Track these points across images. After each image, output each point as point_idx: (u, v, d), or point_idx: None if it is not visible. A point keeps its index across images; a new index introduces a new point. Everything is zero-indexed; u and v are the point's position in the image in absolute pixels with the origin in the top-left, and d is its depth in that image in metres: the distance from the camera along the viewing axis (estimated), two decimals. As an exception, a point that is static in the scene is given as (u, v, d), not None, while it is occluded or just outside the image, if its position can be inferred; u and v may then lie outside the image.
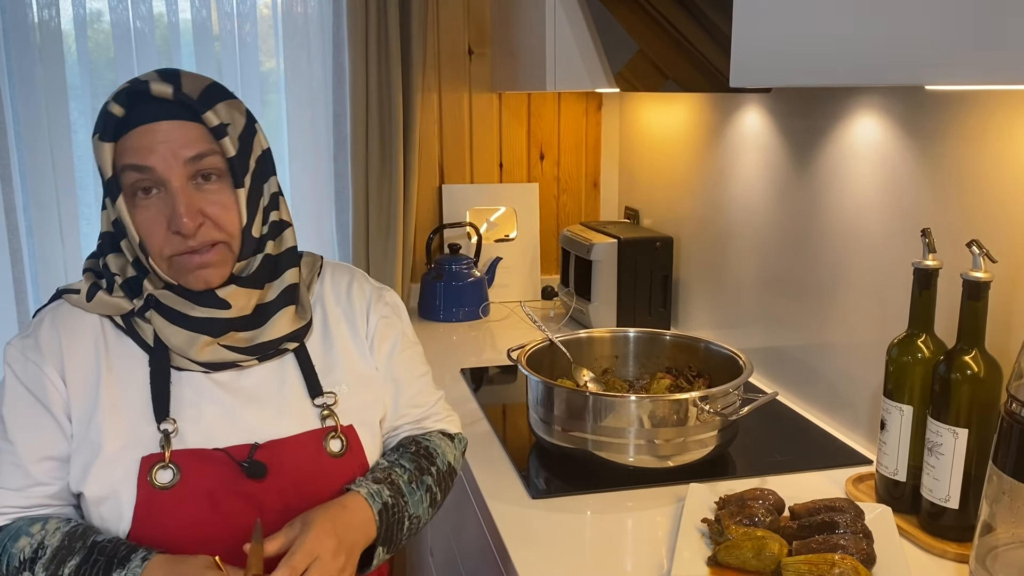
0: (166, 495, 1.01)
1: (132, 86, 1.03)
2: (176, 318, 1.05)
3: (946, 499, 1.14)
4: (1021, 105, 1.16)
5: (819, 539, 1.10)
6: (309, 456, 1.08)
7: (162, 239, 1.03)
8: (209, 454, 1.04)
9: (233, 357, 1.07)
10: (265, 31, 2.26)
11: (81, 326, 1.08)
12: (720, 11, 1.45)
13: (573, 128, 2.55)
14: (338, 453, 1.10)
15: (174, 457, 1.02)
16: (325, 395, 1.12)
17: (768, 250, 1.77)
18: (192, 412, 1.06)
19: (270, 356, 1.10)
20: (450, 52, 2.42)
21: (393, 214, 2.30)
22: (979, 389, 1.11)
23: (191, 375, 1.07)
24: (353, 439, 1.12)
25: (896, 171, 1.40)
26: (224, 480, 1.04)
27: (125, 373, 1.07)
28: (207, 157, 1.02)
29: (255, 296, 1.09)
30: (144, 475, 1.02)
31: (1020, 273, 1.17)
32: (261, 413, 1.08)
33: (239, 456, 1.04)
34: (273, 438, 1.07)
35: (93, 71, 2.18)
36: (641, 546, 1.20)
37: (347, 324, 1.19)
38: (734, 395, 1.40)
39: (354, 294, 1.21)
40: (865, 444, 1.50)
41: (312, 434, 1.09)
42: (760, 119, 1.79)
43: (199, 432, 1.05)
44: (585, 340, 1.66)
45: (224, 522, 1.03)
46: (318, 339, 1.16)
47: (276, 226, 1.11)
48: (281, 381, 1.11)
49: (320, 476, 1.08)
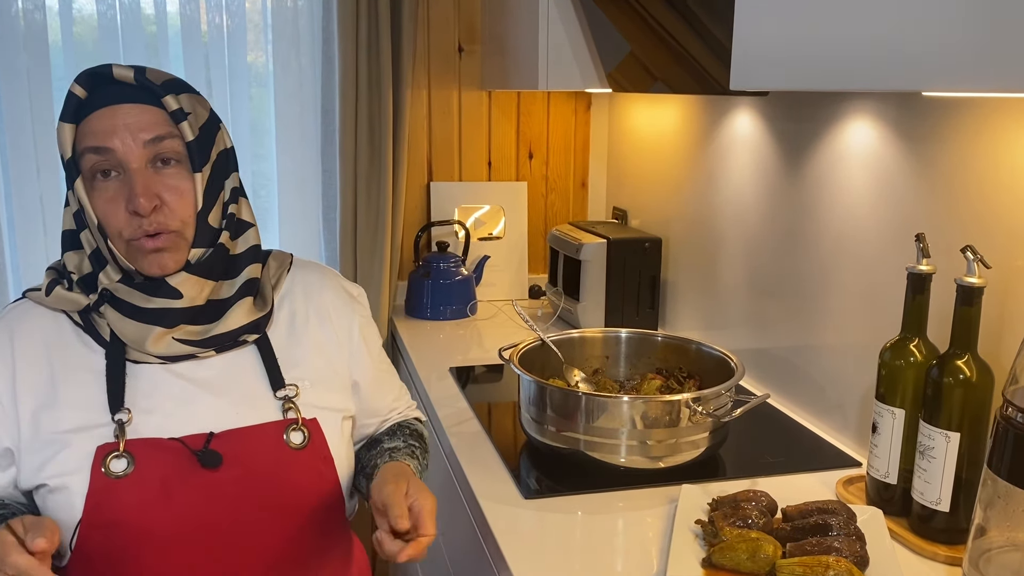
0: (119, 484, 1.01)
1: (95, 69, 1.05)
2: (129, 311, 1.06)
3: (937, 502, 1.15)
4: (1016, 111, 1.18)
5: (813, 541, 1.10)
6: (268, 447, 1.08)
7: (121, 221, 1.04)
8: (164, 443, 1.04)
9: (189, 349, 1.08)
10: (254, 24, 2.24)
11: (37, 325, 1.09)
12: (712, 14, 1.45)
13: (562, 128, 2.55)
14: (299, 445, 1.10)
15: (128, 447, 1.03)
16: (287, 387, 1.12)
17: (758, 252, 1.78)
18: (147, 403, 1.06)
19: (228, 347, 1.11)
20: (440, 49, 2.41)
21: (381, 211, 2.29)
22: (971, 393, 1.12)
23: (149, 367, 1.08)
24: (316, 432, 1.12)
25: (890, 175, 1.41)
26: (179, 469, 1.04)
27: (81, 369, 1.07)
28: (166, 140, 1.04)
29: (207, 288, 1.09)
30: (98, 465, 1.02)
31: (1013, 279, 1.19)
32: (219, 404, 1.09)
33: (195, 446, 1.04)
34: (230, 428, 1.08)
35: (78, 63, 2.15)
36: (633, 547, 1.20)
37: (318, 321, 1.20)
38: (726, 396, 1.41)
39: (327, 293, 1.22)
40: (854, 447, 1.51)
41: (272, 425, 1.10)
42: (751, 122, 1.79)
43: (154, 422, 1.06)
44: (577, 340, 1.66)
45: (178, 511, 1.03)
46: (283, 333, 1.17)
47: (236, 223, 1.13)
48: (241, 372, 1.12)
49: (279, 467, 1.09)
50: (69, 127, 1.04)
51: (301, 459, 1.10)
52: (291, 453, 1.09)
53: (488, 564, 1.27)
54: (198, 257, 1.08)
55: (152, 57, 2.17)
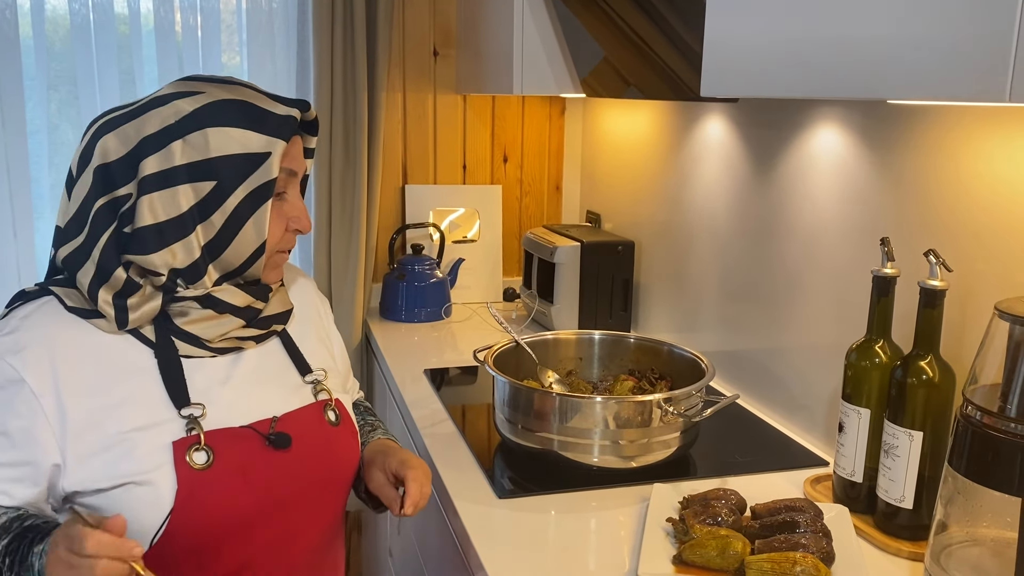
0: (204, 475, 1.05)
1: (299, 104, 1.13)
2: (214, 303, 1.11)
3: (901, 499, 1.18)
4: (977, 119, 1.21)
5: (781, 538, 1.12)
6: (314, 426, 1.16)
7: (278, 237, 1.14)
8: (237, 432, 1.09)
9: (237, 342, 1.14)
10: (228, 25, 2.24)
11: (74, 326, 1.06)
12: (684, 21, 1.47)
13: (536, 132, 2.57)
14: (335, 422, 1.19)
15: (206, 439, 1.06)
16: (315, 372, 1.21)
17: (728, 256, 1.81)
18: (203, 397, 1.10)
19: (263, 339, 1.17)
20: (415, 52, 2.42)
21: (356, 213, 2.30)
22: (934, 393, 1.15)
23: (200, 361, 1.11)
24: (343, 410, 1.21)
25: (856, 181, 1.44)
26: (253, 454, 1.09)
27: (131, 367, 1.07)
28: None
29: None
30: (181, 458, 1.04)
31: (974, 282, 1.22)
32: (265, 392, 1.15)
33: (262, 431, 1.10)
34: (284, 412, 1.14)
35: (50, 63, 2.14)
36: (605, 545, 1.22)
37: (314, 315, 1.30)
38: (697, 397, 1.43)
39: (308, 291, 1.32)
40: (821, 446, 1.54)
41: (313, 407, 1.18)
42: (722, 127, 1.82)
43: (220, 413, 1.09)
44: (551, 342, 1.68)
45: (259, 494, 1.09)
46: (294, 327, 1.25)
47: None
48: (274, 364, 1.18)
49: (326, 443, 1.17)
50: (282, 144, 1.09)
51: (339, 435, 1.19)
52: (332, 430, 1.18)
53: (462, 564, 1.28)
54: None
55: (125, 58, 2.16)
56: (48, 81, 2.14)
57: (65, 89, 2.17)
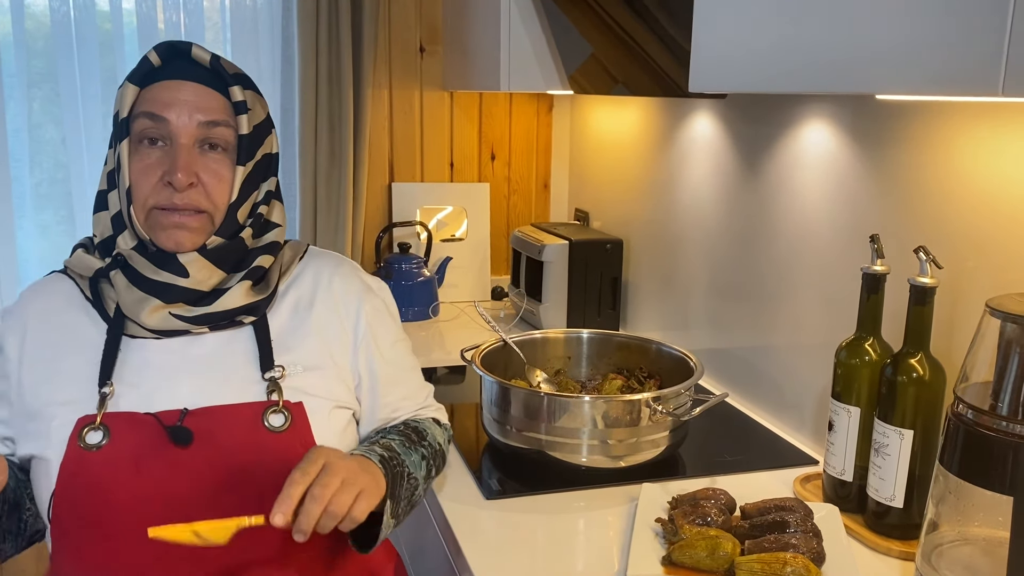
0: (93, 456, 1.03)
1: (176, 42, 1.09)
2: (136, 279, 1.08)
3: (891, 498, 1.17)
4: (966, 115, 1.20)
5: (771, 538, 1.11)
6: (244, 427, 1.06)
7: (150, 188, 1.06)
8: (139, 418, 1.05)
9: (182, 325, 1.08)
10: (212, 23, 2.21)
11: (52, 297, 1.13)
12: (672, 18, 1.46)
13: (524, 129, 2.55)
14: (278, 428, 1.07)
15: (105, 419, 1.04)
16: (274, 368, 1.10)
17: (717, 253, 1.80)
18: (134, 378, 1.08)
19: (222, 326, 1.11)
20: (401, 49, 2.40)
21: (342, 212, 2.28)
22: (924, 391, 1.15)
23: (144, 343, 1.10)
24: (299, 416, 1.08)
25: (845, 178, 1.44)
26: (151, 444, 1.04)
27: (83, 342, 1.09)
28: (220, 127, 1.08)
29: (216, 276, 1.10)
30: (75, 437, 1.03)
31: (964, 279, 1.21)
32: (202, 382, 1.08)
33: (170, 422, 1.04)
34: (211, 405, 1.07)
35: (30, 61, 2.11)
36: (594, 546, 1.21)
37: (325, 310, 1.17)
38: (686, 396, 1.42)
39: (336, 283, 1.19)
40: (811, 445, 1.53)
41: (251, 406, 1.07)
42: (711, 124, 1.81)
43: (135, 397, 1.07)
44: (539, 340, 1.66)
45: (146, 485, 1.03)
46: (284, 318, 1.15)
47: (263, 224, 1.15)
48: (232, 353, 1.11)
49: (255, 448, 1.06)
50: (133, 89, 1.07)
51: (280, 442, 1.06)
52: (269, 436, 1.06)
53: (450, 566, 1.27)
54: (215, 245, 1.09)
55: (107, 55, 2.14)
56: (29, 79, 2.11)
57: (47, 87, 2.14)
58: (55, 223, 2.21)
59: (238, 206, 1.09)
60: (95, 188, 1.14)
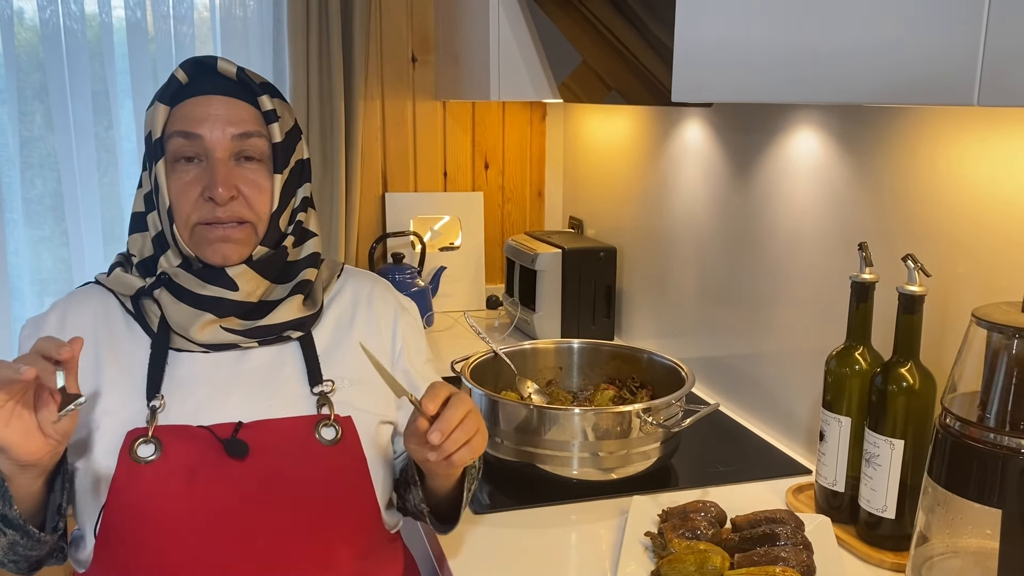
0: (145, 469, 1.02)
1: (201, 58, 1.10)
2: (183, 295, 1.08)
3: (883, 509, 1.16)
4: (955, 122, 1.19)
5: (760, 551, 1.10)
6: (297, 441, 1.07)
7: (192, 205, 1.06)
8: (192, 431, 1.04)
9: (233, 339, 1.09)
10: (202, 33, 2.21)
11: (90, 309, 1.12)
12: (663, 25, 1.45)
13: (517, 138, 2.55)
14: (330, 441, 1.08)
15: (157, 432, 1.03)
16: (323, 383, 1.11)
17: (709, 261, 1.79)
18: (184, 391, 1.07)
19: (271, 341, 1.11)
20: (393, 59, 2.40)
21: (335, 222, 2.27)
22: (914, 401, 1.13)
23: (191, 356, 1.09)
24: (349, 430, 1.09)
25: (834, 185, 1.43)
26: (205, 457, 1.03)
27: (127, 355, 1.09)
28: (253, 138, 1.08)
29: (263, 286, 1.11)
30: (126, 449, 1.02)
31: (953, 287, 1.20)
32: (254, 395, 1.09)
33: (223, 435, 1.04)
34: (265, 418, 1.07)
35: (20, 71, 2.11)
36: (585, 560, 1.19)
37: (367, 327, 1.19)
38: (676, 406, 1.41)
39: (376, 300, 1.22)
40: (804, 454, 1.52)
41: (303, 419, 1.08)
42: (701, 132, 1.80)
43: (187, 410, 1.06)
44: (529, 351, 1.65)
45: (201, 499, 1.03)
46: (328, 333, 1.16)
47: (301, 231, 1.16)
48: (282, 367, 1.12)
49: (307, 462, 1.06)
50: (164, 108, 1.08)
51: (333, 456, 1.07)
52: (322, 449, 1.07)
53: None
54: (261, 255, 1.10)
55: (98, 67, 2.13)
56: (18, 89, 2.11)
57: (36, 102, 2.14)
58: (46, 238, 2.20)
59: (279, 214, 1.11)
60: (87, 202, 1.15)
